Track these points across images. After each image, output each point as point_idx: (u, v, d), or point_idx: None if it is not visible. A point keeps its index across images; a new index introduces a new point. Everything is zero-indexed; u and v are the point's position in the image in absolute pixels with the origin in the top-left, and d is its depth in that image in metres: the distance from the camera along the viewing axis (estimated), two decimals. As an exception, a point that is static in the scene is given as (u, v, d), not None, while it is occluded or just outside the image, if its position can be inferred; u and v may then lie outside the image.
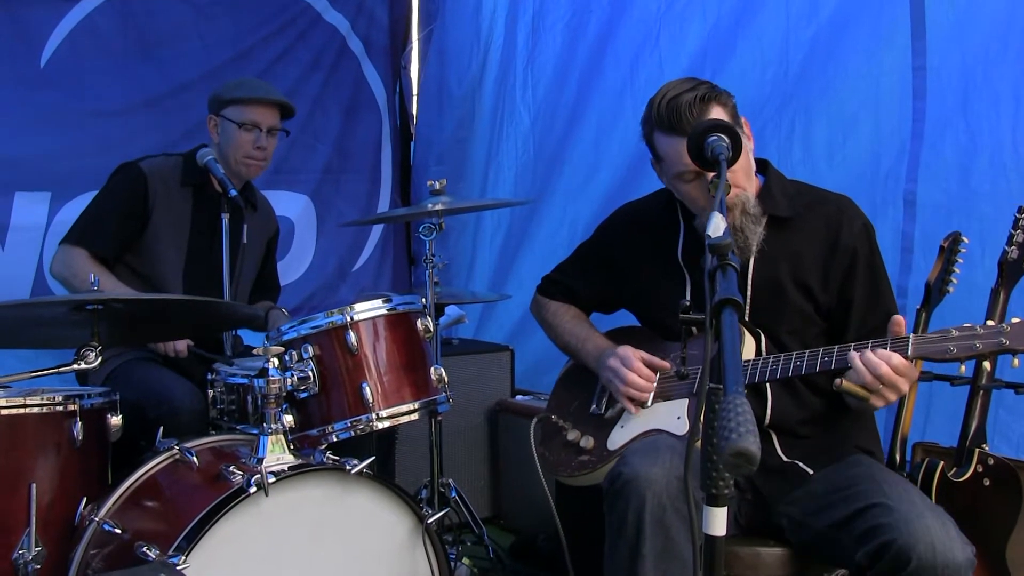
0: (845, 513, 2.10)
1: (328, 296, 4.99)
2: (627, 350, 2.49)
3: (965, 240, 2.82)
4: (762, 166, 2.51)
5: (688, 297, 2.49)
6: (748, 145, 2.35)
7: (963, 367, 2.12)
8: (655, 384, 2.46)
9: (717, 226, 1.52)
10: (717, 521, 1.37)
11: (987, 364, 2.67)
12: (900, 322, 2.15)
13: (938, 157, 3.17)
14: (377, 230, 5.27)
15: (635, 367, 2.46)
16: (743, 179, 2.36)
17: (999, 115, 3.02)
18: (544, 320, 2.85)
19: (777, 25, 3.59)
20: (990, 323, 2.06)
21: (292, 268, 4.87)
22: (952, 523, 2.00)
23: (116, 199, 3.26)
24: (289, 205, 4.83)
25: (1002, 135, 3.01)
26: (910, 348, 2.09)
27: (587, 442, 2.54)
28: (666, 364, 2.48)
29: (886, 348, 2.10)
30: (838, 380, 2.14)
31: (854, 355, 2.12)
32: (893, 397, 2.13)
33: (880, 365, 2.07)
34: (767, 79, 3.57)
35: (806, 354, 2.20)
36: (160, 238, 3.26)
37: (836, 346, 2.18)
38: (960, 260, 2.81)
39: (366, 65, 5.16)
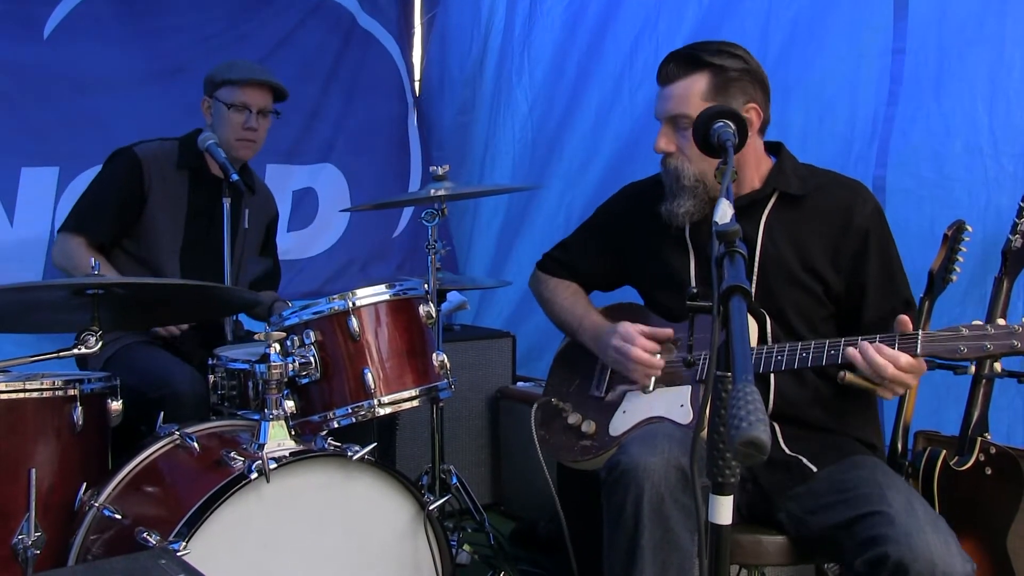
0: (847, 516, 2.08)
1: (358, 272, 4.97)
2: (627, 326, 2.47)
3: (969, 229, 2.81)
4: (775, 148, 2.51)
5: (693, 276, 2.48)
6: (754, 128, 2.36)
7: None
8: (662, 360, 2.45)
9: (724, 212, 1.50)
10: (723, 510, 1.36)
11: (993, 356, 2.66)
12: (906, 322, 2.12)
13: (908, 142, 3.12)
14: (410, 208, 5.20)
15: (639, 343, 2.43)
16: (694, 152, 2.28)
17: (974, 98, 2.96)
18: (542, 296, 2.85)
19: (760, 6, 3.55)
20: (1001, 322, 2.04)
21: (318, 240, 4.86)
22: (953, 538, 1.98)
23: (112, 185, 3.25)
24: (314, 177, 4.82)
25: (977, 119, 2.95)
26: (919, 346, 2.06)
27: (588, 427, 2.53)
28: (669, 332, 2.46)
29: (894, 345, 2.07)
30: (842, 374, 2.13)
31: (856, 354, 2.09)
32: (901, 391, 2.12)
33: (887, 367, 2.05)
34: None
35: (811, 346, 2.19)
36: (157, 222, 3.26)
37: (843, 339, 2.15)
38: (964, 249, 2.80)
39: (388, 41, 5.11)
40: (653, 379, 2.44)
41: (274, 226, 3.70)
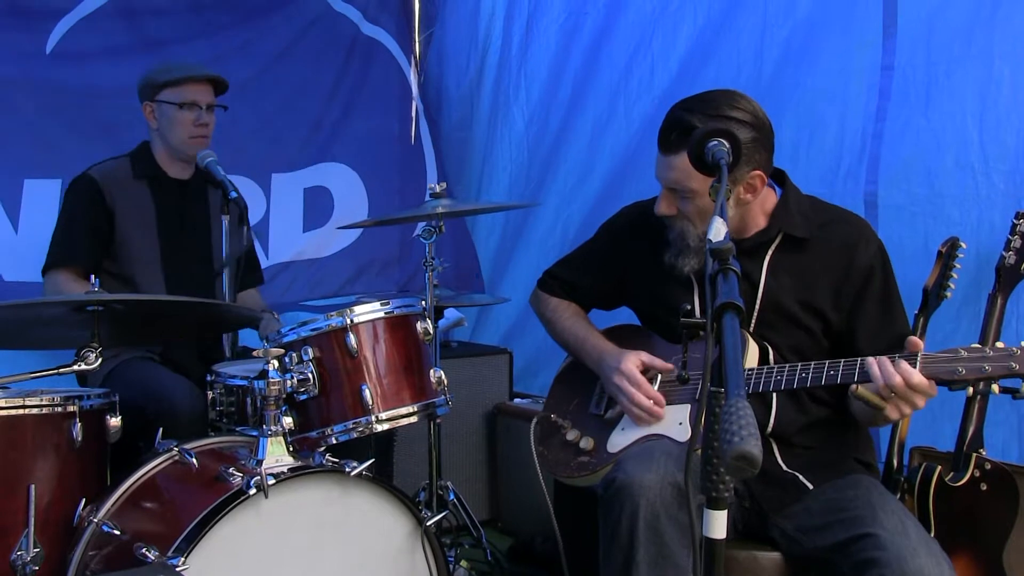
0: (840, 538, 2.09)
1: (377, 275, 4.96)
2: (630, 364, 2.46)
3: (963, 245, 2.83)
4: (779, 178, 2.48)
5: (696, 300, 2.47)
6: (744, 195, 2.33)
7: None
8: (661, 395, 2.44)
9: (718, 230, 1.52)
10: (717, 524, 1.38)
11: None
12: (916, 343, 2.12)
13: (898, 158, 3.14)
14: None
15: (644, 389, 2.42)
16: (696, 215, 2.36)
17: (964, 114, 2.97)
18: (543, 316, 2.85)
19: (754, 26, 3.58)
20: (1000, 345, 2.05)
21: (335, 240, 4.84)
22: (946, 560, 2.00)
23: (77, 213, 3.26)
24: (324, 176, 4.82)
25: (968, 134, 2.96)
26: (918, 366, 2.07)
27: (587, 443, 2.54)
28: (669, 366, 2.46)
29: (903, 362, 2.08)
30: (854, 386, 2.14)
31: (874, 364, 2.09)
32: (908, 411, 2.11)
33: (894, 376, 2.05)
34: (740, 82, 3.53)
35: (811, 366, 2.19)
36: (130, 236, 3.27)
37: (842, 360, 2.16)
38: (958, 265, 2.82)
39: (393, 47, 5.10)
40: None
41: (246, 216, 3.64)
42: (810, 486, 2.28)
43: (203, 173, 3.37)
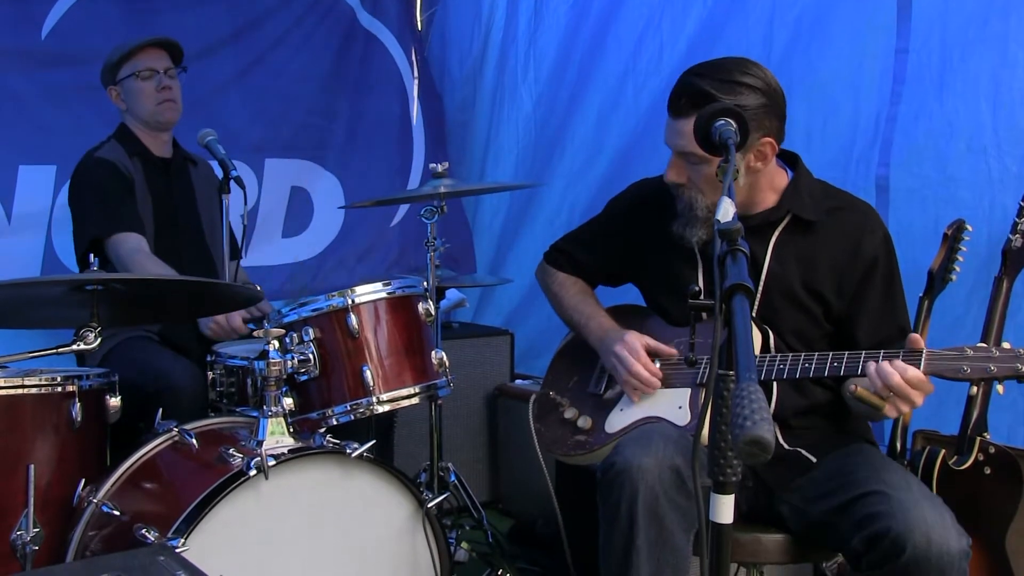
0: (844, 499, 2.10)
1: (355, 265, 4.92)
2: (634, 338, 2.45)
3: (969, 228, 2.81)
4: (791, 161, 2.46)
5: (701, 276, 2.46)
6: (754, 163, 2.31)
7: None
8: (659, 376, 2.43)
9: (727, 211, 1.50)
10: (724, 508, 1.36)
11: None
12: (917, 340, 2.10)
13: (911, 142, 3.12)
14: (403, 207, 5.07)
15: (642, 360, 2.42)
16: (705, 183, 2.33)
17: (977, 98, 2.95)
18: (549, 290, 2.83)
19: (763, 7, 3.55)
20: (1006, 346, 2.03)
21: (315, 243, 4.82)
22: (949, 513, 2.00)
23: (106, 184, 3.21)
24: (308, 177, 4.80)
25: (981, 118, 2.94)
26: (923, 364, 2.05)
27: (584, 422, 2.52)
28: (672, 351, 2.45)
29: (899, 360, 2.06)
30: (853, 386, 2.12)
31: (868, 363, 2.08)
32: (906, 409, 2.09)
33: (893, 375, 2.03)
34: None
35: (815, 356, 2.17)
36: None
37: (846, 352, 2.14)
38: (964, 248, 2.80)
39: (388, 39, 5.06)
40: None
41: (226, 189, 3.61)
42: (813, 459, 2.29)
43: (181, 151, 3.44)
